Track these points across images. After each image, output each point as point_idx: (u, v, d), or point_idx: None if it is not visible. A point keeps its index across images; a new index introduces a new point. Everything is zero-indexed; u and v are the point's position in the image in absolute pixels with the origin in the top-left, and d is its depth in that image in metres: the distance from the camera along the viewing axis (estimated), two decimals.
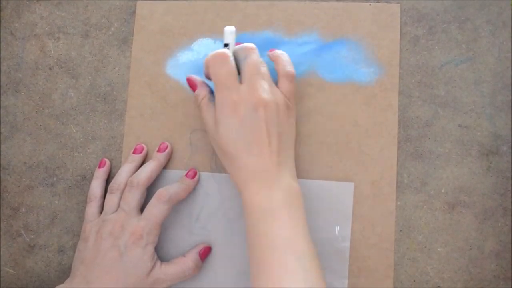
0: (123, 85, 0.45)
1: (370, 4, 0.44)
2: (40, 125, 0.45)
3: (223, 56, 0.37)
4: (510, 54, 0.42)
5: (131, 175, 0.41)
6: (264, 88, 0.37)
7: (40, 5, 0.46)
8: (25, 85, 0.45)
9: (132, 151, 0.43)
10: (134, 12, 0.45)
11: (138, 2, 0.45)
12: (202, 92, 0.40)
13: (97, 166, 0.43)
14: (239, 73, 0.38)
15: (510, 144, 0.42)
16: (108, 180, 0.43)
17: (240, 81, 0.37)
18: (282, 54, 0.40)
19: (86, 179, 0.44)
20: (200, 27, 0.44)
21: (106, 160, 0.43)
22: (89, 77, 0.45)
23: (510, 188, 0.41)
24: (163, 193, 0.39)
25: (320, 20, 0.44)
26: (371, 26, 0.43)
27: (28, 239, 0.44)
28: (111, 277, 0.37)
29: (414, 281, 0.41)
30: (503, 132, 0.42)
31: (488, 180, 0.42)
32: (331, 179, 0.42)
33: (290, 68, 0.40)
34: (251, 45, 0.39)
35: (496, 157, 0.42)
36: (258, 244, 0.35)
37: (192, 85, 0.41)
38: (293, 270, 0.33)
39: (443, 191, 0.42)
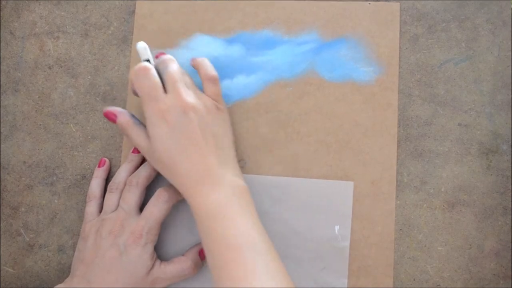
0: (122, 85, 0.45)
1: (369, 3, 0.43)
2: (40, 125, 0.45)
3: (145, 69, 0.37)
4: (510, 53, 0.42)
5: (130, 175, 0.41)
6: (189, 93, 0.37)
7: (39, 4, 0.46)
8: (25, 84, 0.45)
9: (131, 151, 0.43)
10: (134, 11, 0.45)
11: (138, 1, 0.45)
12: (124, 118, 0.39)
13: (97, 165, 0.43)
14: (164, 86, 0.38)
15: (510, 143, 0.42)
16: (108, 179, 0.43)
17: (165, 92, 0.37)
18: (202, 60, 0.41)
19: (85, 179, 0.44)
20: (199, 26, 0.44)
21: (106, 159, 0.43)
22: (89, 77, 0.45)
23: (510, 187, 0.41)
24: (163, 192, 0.39)
25: (320, 19, 0.44)
26: (370, 25, 0.43)
27: (27, 239, 0.44)
28: (111, 276, 0.37)
29: (414, 280, 0.41)
30: (503, 131, 0.42)
31: (488, 179, 0.42)
32: (331, 178, 0.42)
33: (212, 71, 0.40)
34: (169, 56, 0.39)
35: (496, 156, 0.42)
36: (214, 247, 0.34)
37: (111, 117, 0.40)
38: (253, 266, 0.33)
39: (442, 190, 0.42)
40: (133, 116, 0.40)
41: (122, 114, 0.40)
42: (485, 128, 0.42)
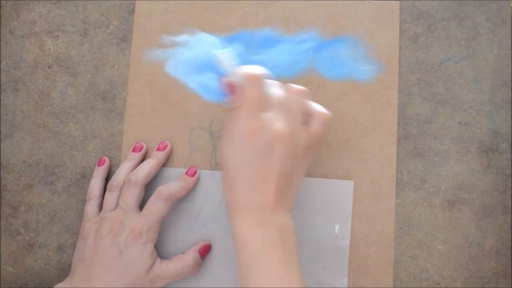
0: (122, 84, 0.45)
1: (369, 2, 0.43)
2: (40, 124, 0.45)
3: (259, 78, 0.35)
4: (509, 51, 0.42)
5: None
6: (289, 124, 0.34)
7: (39, 3, 0.46)
8: (24, 83, 0.45)
9: (131, 149, 0.43)
10: (133, 10, 0.45)
11: (137, 0, 0.45)
12: (239, 99, 0.35)
13: (97, 164, 0.43)
14: None
15: (509, 141, 0.42)
16: (108, 178, 0.43)
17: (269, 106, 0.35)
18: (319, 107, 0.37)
19: (85, 178, 0.44)
20: (199, 25, 0.44)
21: (106, 158, 0.43)
22: (88, 76, 0.45)
23: (509, 185, 0.41)
24: (163, 191, 0.39)
25: (320, 18, 0.44)
26: (370, 23, 0.43)
27: (27, 238, 0.44)
28: (111, 275, 0.37)
29: (414, 278, 0.41)
30: (503, 129, 0.42)
31: (488, 177, 0.42)
32: (331, 177, 0.42)
33: (326, 110, 0.37)
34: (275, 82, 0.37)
35: (495, 154, 0.42)
36: (252, 281, 0.33)
37: (231, 89, 0.36)
38: None
39: (442, 188, 0.42)
40: None
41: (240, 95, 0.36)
42: (485, 127, 0.42)
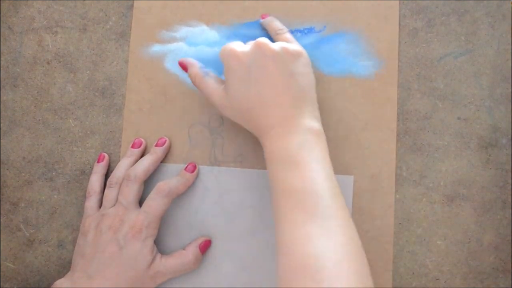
0: (121, 80, 0.44)
1: None
2: (39, 120, 0.45)
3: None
4: (509, 46, 0.42)
5: None
6: (274, 45, 0.37)
7: None
8: (23, 79, 0.45)
9: (130, 145, 0.43)
10: (132, 6, 0.45)
11: None
12: (193, 70, 0.40)
13: (96, 161, 0.43)
14: None
15: (509, 136, 0.42)
16: (107, 174, 0.43)
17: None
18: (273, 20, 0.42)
19: (85, 174, 0.44)
20: (198, 20, 0.44)
21: (105, 154, 0.43)
22: (87, 72, 0.45)
23: (509, 181, 0.41)
24: (162, 186, 0.39)
25: (319, 13, 0.44)
26: (370, 19, 0.43)
27: (27, 234, 0.44)
28: (111, 271, 0.37)
29: (413, 274, 0.41)
30: (502, 125, 0.42)
31: (487, 172, 0.42)
32: None
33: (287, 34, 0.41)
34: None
35: (495, 149, 0.42)
36: (279, 190, 0.34)
37: (183, 67, 0.42)
38: (313, 211, 0.32)
39: (442, 184, 0.42)
40: (203, 67, 0.41)
41: (192, 66, 0.41)
42: (484, 122, 0.42)
